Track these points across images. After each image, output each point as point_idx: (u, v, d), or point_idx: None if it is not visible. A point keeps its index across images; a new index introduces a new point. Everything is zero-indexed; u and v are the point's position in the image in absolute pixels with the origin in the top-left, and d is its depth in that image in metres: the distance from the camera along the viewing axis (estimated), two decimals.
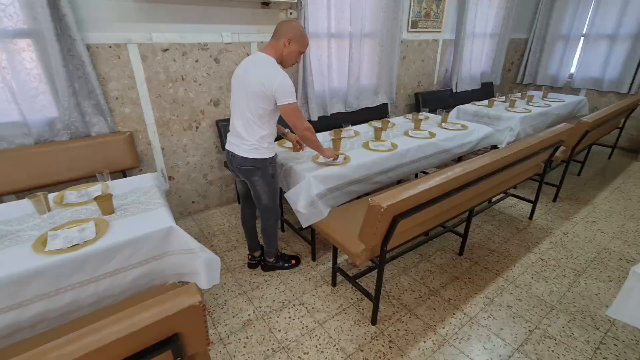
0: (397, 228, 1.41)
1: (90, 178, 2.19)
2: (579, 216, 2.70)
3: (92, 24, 1.97)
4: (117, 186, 1.66)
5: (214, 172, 2.77)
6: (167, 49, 2.25)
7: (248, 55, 2.57)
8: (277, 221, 1.93)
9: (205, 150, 2.66)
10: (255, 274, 2.07)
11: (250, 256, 2.11)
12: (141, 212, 1.41)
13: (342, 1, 2.87)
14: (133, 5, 2.05)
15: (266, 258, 2.06)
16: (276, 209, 1.88)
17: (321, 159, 1.96)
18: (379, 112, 3.55)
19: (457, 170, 1.51)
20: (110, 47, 2.06)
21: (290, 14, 2.67)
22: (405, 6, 3.41)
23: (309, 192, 1.78)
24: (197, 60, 2.39)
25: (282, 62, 1.64)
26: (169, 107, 2.39)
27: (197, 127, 2.55)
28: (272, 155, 1.72)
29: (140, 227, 1.30)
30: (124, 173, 2.29)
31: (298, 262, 2.13)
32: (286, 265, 2.09)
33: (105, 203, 1.37)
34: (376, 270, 1.90)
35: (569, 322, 1.71)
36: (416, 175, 3.15)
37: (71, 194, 1.57)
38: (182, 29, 2.27)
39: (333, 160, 1.91)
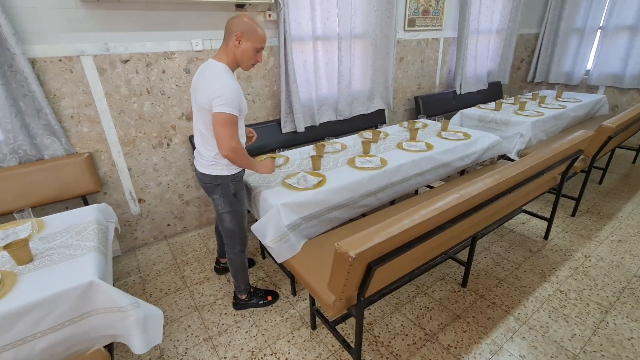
0: (376, 274, 1.14)
1: (45, 206, 2.00)
2: (602, 234, 2.36)
3: (36, 36, 1.76)
4: (52, 223, 1.43)
5: (191, 192, 2.53)
6: (127, 60, 2.02)
7: None
8: (243, 250, 1.69)
9: (179, 169, 2.42)
10: (225, 313, 1.81)
11: (217, 260, 2.11)
12: (65, 260, 1.17)
13: (329, 0, 2.61)
14: (84, 13, 1.83)
15: (237, 294, 1.81)
16: (242, 235, 1.65)
17: (291, 181, 1.70)
18: (375, 119, 3.27)
19: (450, 200, 1.22)
20: (60, 60, 1.84)
21: (269, 16, 2.42)
22: (400, 3, 3.13)
23: (278, 223, 1.52)
24: (163, 71, 2.16)
25: (240, 65, 1.45)
26: (134, 123, 2.16)
27: (168, 144, 2.32)
28: (234, 172, 1.52)
29: (55, 283, 1.05)
30: (84, 199, 2.07)
31: (275, 298, 1.86)
32: (261, 302, 1.83)
33: (19, 252, 1.13)
34: (368, 309, 1.62)
35: None
36: (416, 192, 2.86)
37: None
38: (144, 37, 2.04)
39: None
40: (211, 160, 1.48)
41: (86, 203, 2.07)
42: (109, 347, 1.39)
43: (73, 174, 1.97)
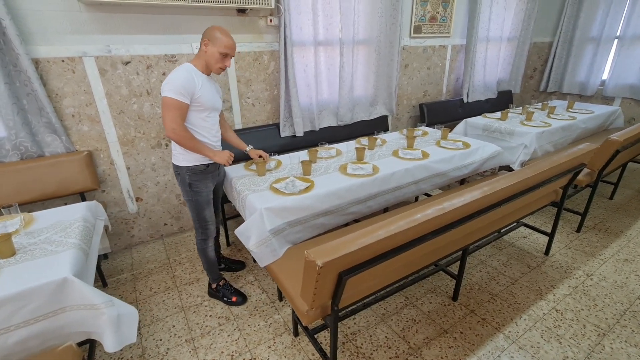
0: (349, 285, 1.11)
1: (45, 201, 2.05)
2: (607, 252, 2.25)
3: (41, 37, 1.82)
4: (40, 218, 1.47)
5: None
6: (128, 62, 2.08)
7: None
8: (205, 239, 1.78)
9: None
10: (210, 315, 1.81)
11: None
12: (45, 256, 1.20)
13: (331, 6, 2.61)
14: (87, 16, 1.89)
15: (209, 281, 1.93)
16: (202, 224, 1.75)
17: (278, 185, 1.70)
18: (378, 126, 3.24)
19: (430, 212, 1.19)
20: (63, 61, 1.91)
21: (270, 21, 2.44)
22: (405, 10, 3.10)
23: (261, 227, 1.51)
24: (164, 73, 2.20)
25: (210, 68, 1.60)
26: (134, 123, 2.21)
27: (166, 145, 2.36)
28: (188, 164, 1.62)
29: (31, 278, 1.08)
30: (82, 195, 2.12)
31: (241, 301, 1.88)
32: (225, 299, 1.89)
33: (0, 246, 1.16)
34: (353, 319, 1.59)
35: None
36: (416, 199, 2.81)
37: None
38: (145, 40, 2.09)
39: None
40: (174, 150, 1.63)
41: (84, 200, 2.12)
42: (91, 344, 1.41)
43: (72, 171, 2.02)
